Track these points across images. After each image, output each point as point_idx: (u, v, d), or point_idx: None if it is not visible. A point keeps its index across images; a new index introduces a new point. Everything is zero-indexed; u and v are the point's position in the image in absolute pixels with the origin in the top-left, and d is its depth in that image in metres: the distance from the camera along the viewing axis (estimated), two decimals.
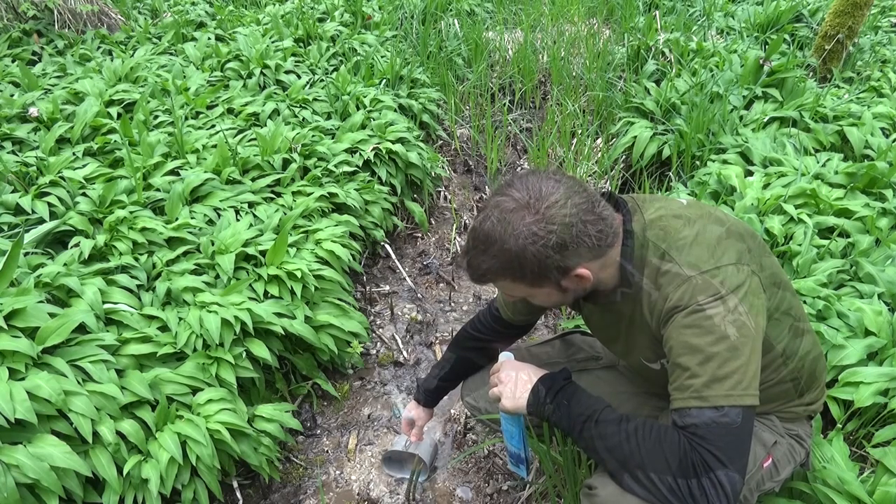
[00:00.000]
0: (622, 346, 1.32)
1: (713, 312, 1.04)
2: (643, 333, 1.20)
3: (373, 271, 2.87)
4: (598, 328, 1.40)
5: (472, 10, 4.89)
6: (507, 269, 1.08)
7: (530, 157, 3.53)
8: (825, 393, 1.41)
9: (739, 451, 1.02)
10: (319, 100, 3.23)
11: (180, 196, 2.31)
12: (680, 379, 1.06)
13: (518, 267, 1.06)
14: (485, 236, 1.07)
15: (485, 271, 1.10)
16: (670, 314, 1.08)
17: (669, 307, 1.08)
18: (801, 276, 2.00)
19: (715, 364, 1.02)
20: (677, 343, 1.07)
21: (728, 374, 1.02)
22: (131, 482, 1.56)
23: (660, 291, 1.11)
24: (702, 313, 1.04)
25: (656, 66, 3.64)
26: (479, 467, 2.02)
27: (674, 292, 1.08)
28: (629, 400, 1.56)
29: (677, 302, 1.07)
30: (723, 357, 1.02)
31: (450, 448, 2.10)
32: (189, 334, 1.81)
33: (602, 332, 1.40)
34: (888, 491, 1.37)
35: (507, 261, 1.06)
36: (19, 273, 1.83)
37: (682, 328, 1.06)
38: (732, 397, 1.01)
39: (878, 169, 2.35)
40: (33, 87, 3.10)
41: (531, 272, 1.06)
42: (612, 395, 1.52)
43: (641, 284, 1.14)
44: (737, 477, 1.00)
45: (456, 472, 2.01)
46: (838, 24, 3.45)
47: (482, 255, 1.08)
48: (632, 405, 1.55)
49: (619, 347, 1.34)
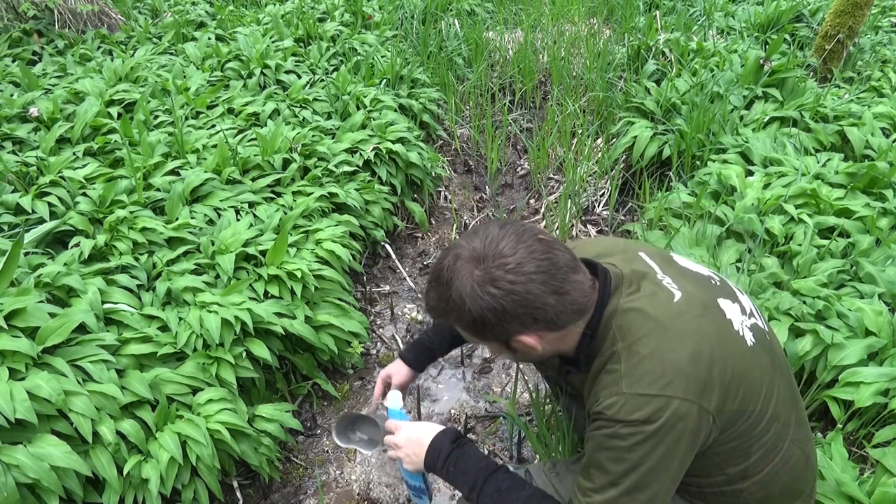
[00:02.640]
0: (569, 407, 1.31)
1: (632, 444, 0.98)
2: (583, 408, 1.17)
3: (373, 271, 2.87)
4: (552, 382, 1.40)
5: (473, 10, 4.89)
6: (448, 314, 1.05)
7: (530, 156, 3.53)
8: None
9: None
10: (320, 100, 3.23)
11: (180, 196, 2.31)
12: (585, 481, 1.05)
13: (456, 316, 1.03)
14: (437, 275, 1.05)
15: (431, 308, 1.09)
16: (596, 416, 1.04)
17: (596, 410, 1.03)
18: (801, 276, 2.00)
19: (617, 491, 1.00)
20: (593, 455, 1.04)
21: (627, 503, 1.00)
22: (131, 482, 1.56)
23: (598, 386, 1.05)
24: (621, 441, 0.99)
25: (656, 66, 3.64)
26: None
27: (605, 399, 1.01)
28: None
29: (603, 410, 1.01)
30: (627, 487, 1.00)
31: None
32: (189, 334, 1.81)
33: (553, 386, 1.40)
34: (887, 491, 1.37)
35: (449, 307, 1.03)
36: (19, 273, 1.83)
37: (600, 447, 1.02)
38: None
39: (878, 169, 2.35)
40: (33, 86, 3.10)
41: (469, 324, 1.03)
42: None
43: (590, 369, 1.10)
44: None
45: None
46: (839, 24, 3.45)
47: (432, 291, 1.07)
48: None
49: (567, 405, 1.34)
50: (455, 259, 1.02)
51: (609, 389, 1.02)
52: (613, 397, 1.00)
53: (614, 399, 1.00)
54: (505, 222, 1.06)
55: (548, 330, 1.03)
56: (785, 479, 1.16)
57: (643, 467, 0.99)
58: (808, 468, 1.21)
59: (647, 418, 0.97)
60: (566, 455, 1.64)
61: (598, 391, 1.04)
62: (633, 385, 0.99)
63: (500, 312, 0.99)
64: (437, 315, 1.09)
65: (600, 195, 3.29)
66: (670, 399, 0.97)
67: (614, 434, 1.00)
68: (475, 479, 1.16)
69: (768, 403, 1.09)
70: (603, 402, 1.01)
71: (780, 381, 1.13)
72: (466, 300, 1.00)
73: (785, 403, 1.13)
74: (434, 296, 1.06)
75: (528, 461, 2.03)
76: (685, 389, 0.98)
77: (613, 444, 1.00)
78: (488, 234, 1.03)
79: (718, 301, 1.12)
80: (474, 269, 1.00)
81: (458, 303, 1.01)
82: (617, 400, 1.00)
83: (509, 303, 0.98)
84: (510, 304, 0.98)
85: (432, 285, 1.07)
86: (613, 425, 1.00)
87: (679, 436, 0.98)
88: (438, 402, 2.29)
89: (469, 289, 0.99)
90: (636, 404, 0.98)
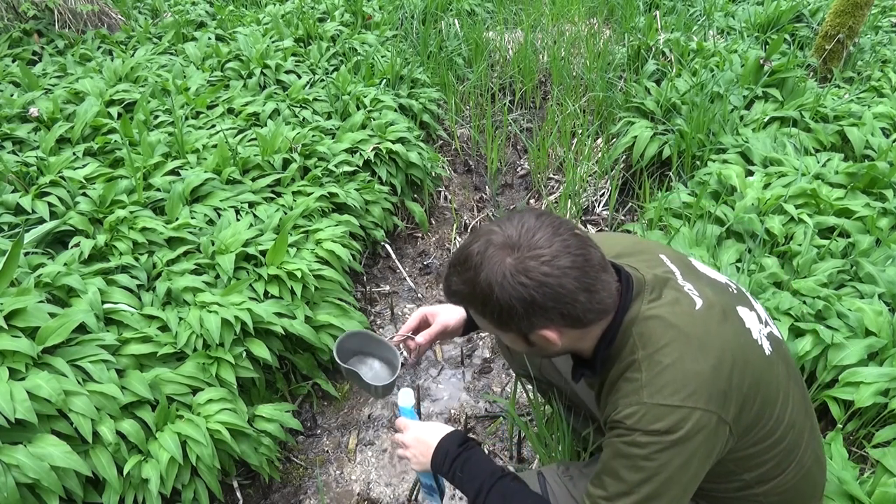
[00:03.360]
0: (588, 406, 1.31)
1: (651, 453, 0.97)
2: (601, 411, 1.16)
3: (373, 271, 2.87)
4: (543, 384, 1.41)
5: (473, 10, 4.88)
6: (472, 301, 1.02)
7: (530, 156, 3.53)
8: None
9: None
10: (320, 100, 3.23)
11: (180, 196, 2.31)
12: (596, 489, 1.04)
13: (481, 303, 1.01)
14: (464, 259, 1.01)
15: (453, 293, 1.05)
16: (614, 425, 1.02)
17: (615, 419, 1.02)
18: (801, 276, 2.00)
19: (630, 500, 0.99)
20: (608, 463, 1.03)
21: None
22: (131, 482, 1.56)
23: (616, 394, 1.04)
24: (640, 449, 0.98)
25: (656, 66, 3.63)
26: None
27: (624, 408, 1.00)
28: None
29: (623, 419, 1.00)
30: (642, 497, 0.99)
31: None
32: (189, 334, 1.81)
33: (547, 387, 1.41)
34: (887, 491, 1.38)
35: (474, 293, 1.00)
36: (19, 273, 1.83)
37: (617, 454, 1.01)
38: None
39: (878, 169, 2.34)
40: (33, 86, 3.10)
41: (494, 313, 1.00)
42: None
43: (607, 375, 1.08)
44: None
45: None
46: (839, 24, 3.45)
47: (456, 275, 1.03)
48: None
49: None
50: (486, 245, 0.99)
51: (629, 399, 1.00)
52: (634, 406, 0.99)
53: (635, 409, 0.98)
54: (541, 212, 1.03)
55: (571, 327, 1.01)
56: (799, 485, 1.16)
57: (660, 477, 0.97)
58: (821, 473, 1.21)
59: (669, 429, 0.96)
60: (566, 455, 1.64)
61: (616, 399, 1.03)
62: (654, 395, 0.98)
63: (528, 304, 0.96)
64: (458, 301, 1.06)
65: (600, 195, 3.29)
66: (693, 410, 0.96)
67: (633, 442, 0.98)
68: (480, 484, 1.15)
69: (784, 412, 1.08)
70: (623, 411, 1.00)
71: (794, 390, 1.13)
72: (495, 288, 0.97)
73: (799, 412, 1.13)
74: (458, 280, 1.03)
75: (528, 461, 2.04)
76: (707, 400, 0.97)
77: (631, 452, 0.99)
78: (524, 222, 1.00)
79: (737, 309, 1.11)
80: (506, 257, 0.97)
81: (486, 290, 0.98)
82: (638, 409, 0.98)
83: (540, 295, 0.95)
84: (541, 297, 0.96)
85: (457, 270, 1.03)
86: (632, 433, 0.98)
87: (698, 446, 0.97)
88: (438, 401, 2.29)
89: (500, 276, 0.96)
90: (657, 414, 0.97)
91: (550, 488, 1.29)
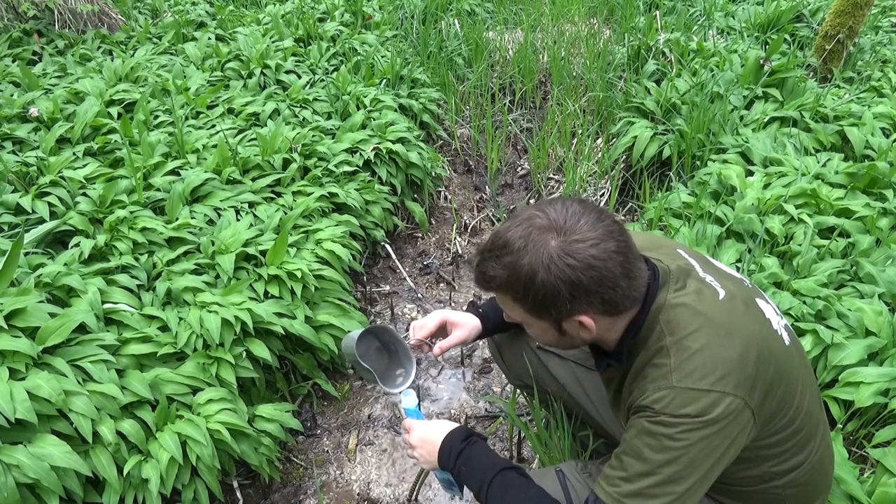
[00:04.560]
0: (606, 400, 1.30)
1: (678, 433, 0.96)
2: (621, 402, 1.16)
3: (373, 271, 2.87)
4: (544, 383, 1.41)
5: (473, 10, 4.88)
6: (512, 286, 1.01)
7: (530, 156, 3.53)
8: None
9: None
10: (320, 100, 3.23)
11: (180, 196, 2.31)
12: (614, 470, 1.03)
13: (523, 287, 0.99)
14: (504, 243, 1.00)
15: (490, 278, 1.03)
16: (640, 410, 1.02)
17: (642, 404, 1.01)
18: (801, 276, 2.00)
19: (651, 481, 0.98)
20: (631, 442, 1.02)
21: (658, 494, 0.98)
22: (131, 482, 1.56)
23: (643, 381, 1.03)
24: (667, 428, 0.97)
25: (657, 66, 3.63)
26: None
27: (653, 392, 1.00)
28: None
29: (651, 404, 0.99)
30: (663, 479, 0.98)
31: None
32: (189, 334, 1.81)
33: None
34: (887, 492, 1.38)
35: (516, 277, 0.99)
36: (19, 273, 1.83)
37: (642, 432, 1.00)
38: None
39: (878, 169, 2.34)
40: (33, 86, 3.10)
41: (534, 298, 0.99)
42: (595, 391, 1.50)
43: (631, 364, 1.08)
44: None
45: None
46: (839, 24, 3.45)
47: (494, 260, 1.01)
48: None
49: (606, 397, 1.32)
50: (529, 228, 0.98)
51: (657, 383, 1.00)
52: (663, 391, 0.98)
53: (664, 392, 0.98)
54: (583, 199, 1.03)
55: (607, 314, 1.02)
56: (814, 476, 1.17)
57: (685, 458, 0.97)
58: (831, 465, 1.23)
59: (699, 413, 0.96)
60: (566, 455, 1.64)
61: (644, 385, 1.02)
62: (683, 379, 0.97)
63: (574, 286, 0.96)
64: (493, 286, 1.05)
65: (600, 195, 3.29)
66: (723, 395, 0.96)
67: (661, 422, 0.98)
68: (483, 478, 1.15)
69: (803, 401, 1.09)
70: (651, 396, 0.99)
71: (809, 380, 1.14)
72: (539, 270, 0.96)
73: (813, 402, 1.14)
74: (496, 266, 1.01)
75: (528, 461, 2.04)
76: (735, 385, 0.97)
77: (658, 431, 0.98)
78: (567, 207, 1.00)
79: (756, 300, 1.12)
80: (552, 240, 0.96)
81: (529, 273, 0.97)
82: (667, 394, 0.98)
83: (587, 277, 0.95)
84: (587, 279, 0.95)
85: (495, 254, 1.01)
86: (660, 416, 0.98)
87: (725, 431, 0.97)
88: (438, 401, 2.29)
89: (546, 259, 0.96)
90: (687, 398, 0.96)
91: (571, 485, 1.28)
